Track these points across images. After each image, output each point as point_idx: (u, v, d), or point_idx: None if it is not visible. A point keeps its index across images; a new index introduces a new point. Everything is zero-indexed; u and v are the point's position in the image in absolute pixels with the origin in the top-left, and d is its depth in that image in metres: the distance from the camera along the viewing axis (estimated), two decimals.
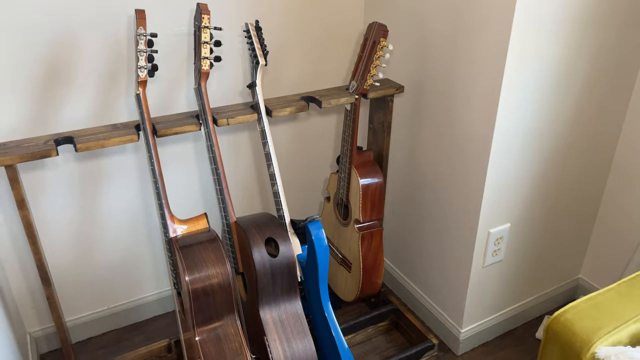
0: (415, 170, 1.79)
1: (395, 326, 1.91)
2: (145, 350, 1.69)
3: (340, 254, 1.85)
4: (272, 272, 1.37)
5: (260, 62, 1.46)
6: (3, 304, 1.44)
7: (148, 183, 1.68)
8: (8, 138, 1.40)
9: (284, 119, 1.82)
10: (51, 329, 1.76)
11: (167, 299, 1.92)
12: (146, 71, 1.33)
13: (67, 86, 1.45)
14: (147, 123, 1.35)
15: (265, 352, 1.36)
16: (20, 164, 1.45)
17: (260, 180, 1.87)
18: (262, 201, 1.91)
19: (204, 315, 1.29)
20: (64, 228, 1.61)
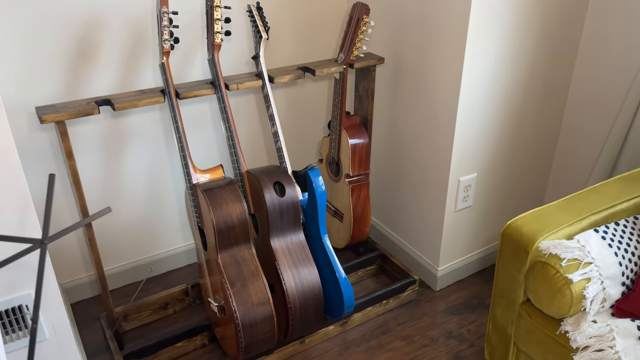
0: (395, 130, 2.08)
1: (382, 270, 2.19)
2: (166, 294, 1.94)
3: (333, 207, 2.13)
4: (280, 209, 1.63)
5: (262, 36, 1.72)
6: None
7: (171, 140, 1.93)
8: (50, 103, 1.64)
9: (284, 86, 2.10)
10: (77, 282, 1.99)
11: (182, 255, 2.17)
12: (169, 43, 1.58)
13: (97, 60, 1.69)
14: (170, 87, 1.60)
15: (277, 278, 1.63)
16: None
17: (265, 138, 2.14)
18: (268, 156, 2.18)
19: (225, 244, 1.55)
20: (95, 182, 1.86)
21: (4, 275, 1.15)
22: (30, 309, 1.27)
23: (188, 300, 1.99)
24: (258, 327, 1.56)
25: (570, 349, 1.23)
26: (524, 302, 1.39)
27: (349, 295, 1.72)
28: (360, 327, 1.91)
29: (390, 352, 1.81)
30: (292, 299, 1.61)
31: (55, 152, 1.74)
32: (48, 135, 1.70)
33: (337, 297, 1.73)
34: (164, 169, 1.97)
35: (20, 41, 1.56)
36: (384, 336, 1.87)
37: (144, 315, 1.90)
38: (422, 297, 2.06)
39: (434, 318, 1.95)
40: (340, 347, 1.83)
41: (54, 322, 1.32)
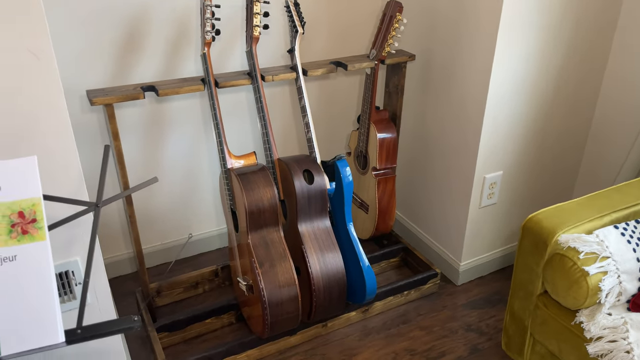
0: (423, 126, 2.13)
1: (404, 263, 2.25)
2: (197, 274, 2.04)
3: (359, 199, 2.19)
4: (309, 196, 1.71)
5: (298, 30, 1.80)
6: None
7: (209, 127, 2.03)
8: (100, 87, 1.76)
9: (317, 79, 2.17)
10: (116, 258, 2.11)
11: (214, 238, 2.27)
12: (211, 35, 1.67)
13: (144, 49, 1.80)
14: (210, 76, 1.69)
15: (303, 262, 1.71)
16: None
17: (297, 129, 2.22)
18: (298, 145, 2.26)
19: (255, 226, 1.64)
20: (137, 163, 1.97)
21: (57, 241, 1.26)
22: (76, 275, 1.38)
23: (217, 281, 2.08)
24: (283, 306, 1.64)
25: (584, 339, 1.27)
26: (541, 293, 1.43)
27: (371, 282, 1.78)
28: (380, 315, 1.97)
29: (409, 340, 1.86)
30: (316, 281, 1.68)
31: (102, 133, 1.86)
32: (97, 116, 1.83)
33: (360, 284, 1.79)
34: (201, 154, 2.07)
35: (77, 31, 1.69)
36: (404, 325, 1.93)
37: (176, 292, 2.01)
38: (443, 290, 2.10)
39: (454, 311, 1.99)
40: (360, 333, 1.89)
41: (97, 289, 1.42)
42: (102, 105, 1.58)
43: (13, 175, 0.91)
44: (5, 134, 1.12)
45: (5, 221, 0.90)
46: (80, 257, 1.36)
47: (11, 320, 0.87)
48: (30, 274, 0.89)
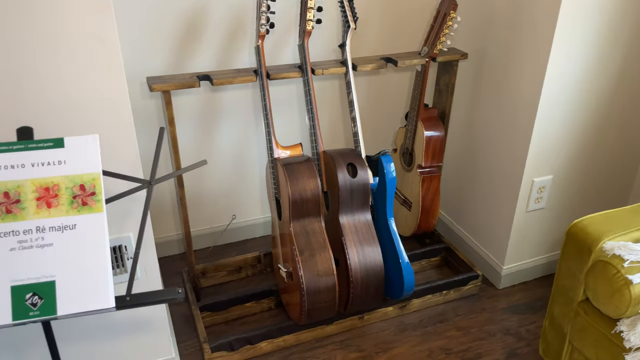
0: (472, 125, 2.11)
1: (445, 263, 2.23)
2: (241, 258, 2.11)
3: (402, 196, 2.20)
4: (351, 189, 1.74)
5: (350, 25, 1.83)
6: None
7: (259, 117, 2.10)
8: (158, 75, 1.85)
9: (366, 74, 2.20)
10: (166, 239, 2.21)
11: (259, 226, 2.34)
12: (265, 28, 1.73)
13: (202, 40, 1.89)
14: (263, 68, 1.75)
15: (342, 253, 1.74)
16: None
17: (344, 122, 2.26)
18: (344, 139, 2.29)
19: (298, 215, 1.69)
20: (189, 149, 2.06)
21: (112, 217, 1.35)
22: (128, 250, 1.48)
23: (260, 267, 2.15)
24: (321, 295, 1.68)
25: (623, 349, 1.23)
26: (583, 300, 1.39)
27: (409, 278, 1.79)
28: (418, 312, 1.98)
29: (446, 339, 1.86)
30: (354, 273, 1.71)
31: (159, 118, 1.96)
32: (155, 102, 1.93)
33: (398, 279, 1.81)
34: (250, 143, 2.14)
35: (140, 21, 1.78)
36: (441, 324, 1.92)
37: (220, 275, 2.09)
38: (484, 293, 2.08)
39: (494, 314, 1.97)
40: (396, 328, 1.91)
41: (146, 264, 1.51)
42: (160, 92, 1.67)
43: (77, 151, 0.99)
44: (72, 113, 1.21)
45: (68, 193, 0.98)
46: (132, 233, 1.45)
47: (68, 284, 0.95)
48: (88, 242, 0.97)
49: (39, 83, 1.16)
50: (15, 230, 0.95)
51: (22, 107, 1.15)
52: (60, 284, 0.95)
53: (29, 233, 0.95)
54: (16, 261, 0.94)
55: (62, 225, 0.97)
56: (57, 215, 0.97)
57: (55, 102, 1.18)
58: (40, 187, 0.97)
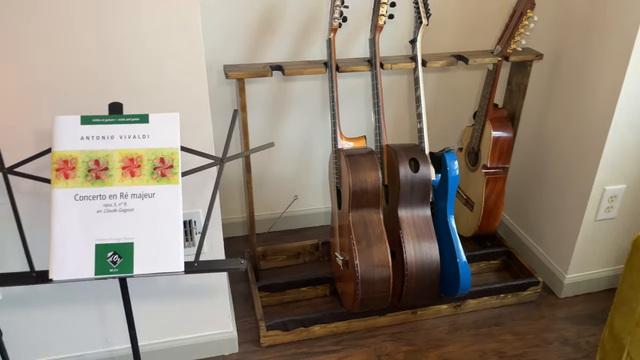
0: (542, 128, 2.06)
1: (505, 267, 2.19)
2: (299, 245, 2.18)
3: (465, 196, 2.18)
4: (412, 184, 1.76)
5: (423, 21, 1.84)
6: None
7: (326, 108, 2.16)
8: (235, 63, 1.96)
9: (436, 70, 2.20)
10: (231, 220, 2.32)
11: (319, 215, 2.40)
12: (338, 22, 1.78)
13: (276, 32, 1.97)
14: (333, 61, 1.80)
15: (399, 247, 1.76)
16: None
17: (409, 118, 2.28)
18: (409, 134, 2.31)
19: (357, 205, 1.73)
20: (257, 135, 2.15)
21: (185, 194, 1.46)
22: (197, 225, 1.58)
23: (317, 254, 2.21)
24: (375, 285, 1.71)
25: None
26: None
27: (465, 277, 1.78)
28: (473, 313, 1.96)
29: (500, 343, 1.84)
30: (409, 267, 1.73)
31: (232, 104, 2.07)
32: (230, 89, 2.03)
33: (454, 277, 1.80)
34: (315, 134, 2.21)
35: (222, 13, 1.89)
36: (496, 327, 1.90)
37: (279, 259, 2.17)
38: (544, 300, 2.03)
39: (552, 322, 1.92)
40: (449, 327, 1.90)
41: (212, 239, 1.61)
42: (235, 79, 1.76)
43: (159, 126, 1.09)
44: (156, 92, 1.32)
45: (149, 164, 1.08)
46: (202, 210, 1.55)
47: (145, 246, 1.05)
48: (164, 210, 1.06)
49: (129, 65, 1.27)
50: (102, 195, 1.05)
51: (114, 85, 1.27)
52: (137, 246, 1.04)
53: (114, 198, 1.06)
54: (101, 222, 1.04)
55: (143, 193, 1.06)
56: (138, 183, 1.06)
57: (142, 82, 1.29)
58: (125, 158, 1.07)
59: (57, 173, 1.04)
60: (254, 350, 1.79)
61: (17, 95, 1.24)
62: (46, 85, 1.24)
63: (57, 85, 1.25)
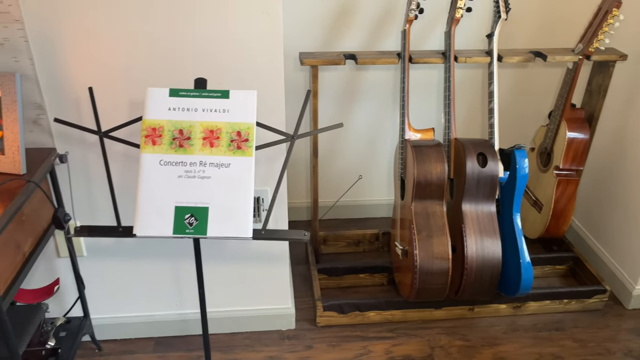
0: (621, 133, 1.97)
1: (571, 273, 2.12)
2: (360, 233, 2.22)
3: (533, 197, 2.13)
4: (478, 179, 1.74)
5: (501, 16, 1.82)
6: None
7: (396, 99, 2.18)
8: (310, 51, 2.02)
9: (511, 66, 2.16)
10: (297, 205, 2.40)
11: (382, 207, 2.43)
12: (414, 13, 1.79)
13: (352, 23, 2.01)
14: (406, 52, 1.82)
15: (460, 241, 1.76)
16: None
17: (480, 113, 2.25)
18: (479, 130, 2.29)
19: (420, 195, 1.74)
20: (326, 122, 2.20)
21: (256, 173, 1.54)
22: (264, 203, 1.66)
23: (377, 244, 2.24)
24: (433, 276, 1.72)
25: None
26: None
27: (527, 278, 1.75)
28: (533, 316, 1.92)
29: (559, 348, 1.79)
30: (469, 261, 1.72)
31: (305, 90, 2.14)
32: (304, 75, 2.10)
33: (515, 277, 1.77)
34: (384, 124, 2.24)
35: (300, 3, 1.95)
36: (556, 332, 1.85)
37: (339, 245, 2.22)
38: (609, 310, 1.95)
39: (617, 332, 1.85)
40: (507, 327, 1.88)
41: (278, 217, 1.68)
42: (309, 66, 1.82)
43: (238, 102, 1.16)
44: (236, 71, 1.40)
45: (227, 137, 1.16)
46: (270, 188, 1.62)
47: (218, 211, 1.13)
48: (238, 179, 1.14)
49: (214, 45, 1.37)
50: (184, 162, 1.15)
51: (199, 62, 1.37)
52: (212, 211, 1.13)
53: (194, 165, 1.14)
54: (181, 186, 1.13)
55: (220, 163, 1.14)
56: (216, 154, 1.15)
57: (225, 61, 1.39)
58: (206, 129, 1.16)
59: (146, 139, 1.14)
60: (309, 329, 1.86)
61: (117, 69, 1.37)
62: (141, 60, 1.36)
63: (150, 60, 1.37)
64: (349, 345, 1.80)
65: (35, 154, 1.40)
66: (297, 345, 1.79)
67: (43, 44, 1.33)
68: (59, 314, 1.70)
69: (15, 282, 1.25)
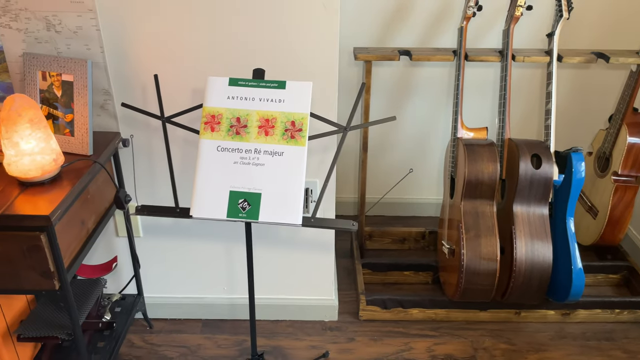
0: None
1: (625, 283, 2.04)
2: (406, 230, 2.22)
3: (588, 202, 2.06)
4: (532, 180, 1.71)
5: (563, 15, 1.77)
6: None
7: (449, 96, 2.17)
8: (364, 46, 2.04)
9: (572, 67, 2.11)
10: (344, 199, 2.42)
11: (430, 206, 2.42)
12: (472, 10, 1.77)
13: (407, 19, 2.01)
14: (462, 49, 1.80)
15: (510, 243, 1.73)
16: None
17: (537, 114, 2.20)
18: (535, 131, 2.24)
19: (470, 194, 1.72)
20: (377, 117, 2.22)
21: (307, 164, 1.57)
22: (313, 194, 1.69)
23: (423, 242, 2.23)
24: (480, 276, 1.70)
25: None
26: None
27: (578, 284, 1.70)
28: (582, 324, 1.86)
29: (607, 358, 1.73)
30: (518, 264, 1.69)
31: (357, 85, 2.15)
32: (357, 70, 2.12)
33: (565, 282, 1.73)
34: (436, 122, 2.22)
35: None
36: (606, 342, 1.79)
37: (385, 241, 2.23)
38: None
39: None
40: (554, 334, 1.83)
41: (325, 209, 1.71)
42: (363, 61, 1.84)
43: (294, 93, 1.20)
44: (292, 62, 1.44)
45: (282, 126, 1.19)
46: (319, 180, 1.65)
47: (270, 198, 1.17)
48: (290, 168, 1.17)
49: (272, 36, 1.41)
50: (240, 148, 1.19)
51: (258, 54, 1.42)
52: (264, 197, 1.16)
53: (249, 152, 1.18)
54: (236, 172, 1.18)
55: (273, 151, 1.18)
56: (271, 142, 1.18)
57: (282, 52, 1.42)
58: (262, 118, 1.19)
59: (205, 126, 1.19)
60: (352, 322, 1.88)
61: (181, 58, 1.43)
62: (203, 50, 1.42)
63: (211, 50, 1.42)
64: (391, 341, 1.80)
65: (100, 137, 1.48)
66: (339, 337, 1.82)
67: (113, 32, 1.41)
68: (114, 290, 1.80)
69: (79, 256, 1.33)
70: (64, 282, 1.24)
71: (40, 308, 1.48)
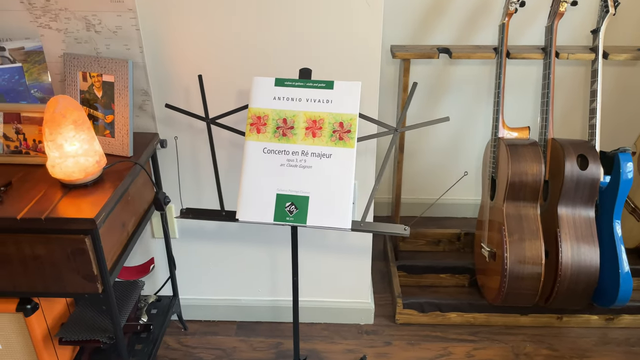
0: None
1: None
2: (441, 232, 2.17)
3: (632, 204, 1.99)
4: (577, 181, 1.65)
5: (610, 10, 1.70)
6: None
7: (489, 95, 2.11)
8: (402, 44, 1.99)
9: (618, 64, 2.04)
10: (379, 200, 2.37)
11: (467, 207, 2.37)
12: (514, 7, 1.72)
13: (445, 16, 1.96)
14: (504, 46, 1.75)
15: (555, 246, 1.67)
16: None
17: (581, 112, 2.15)
18: (579, 130, 2.18)
19: (513, 196, 1.67)
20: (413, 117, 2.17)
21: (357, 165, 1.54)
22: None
23: (458, 244, 2.18)
24: (523, 281, 1.65)
25: None
26: None
27: (625, 289, 1.65)
28: (627, 330, 1.81)
29: None
30: (564, 268, 1.64)
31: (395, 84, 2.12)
32: (394, 69, 2.08)
33: (612, 287, 1.67)
34: (475, 121, 2.17)
35: None
36: None
37: (419, 243, 2.18)
38: None
39: None
40: (597, 340, 1.77)
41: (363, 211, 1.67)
42: (401, 59, 1.79)
43: (342, 93, 1.16)
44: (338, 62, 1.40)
45: (330, 127, 1.16)
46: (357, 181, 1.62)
47: (319, 201, 1.14)
48: (338, 170, 1.14)
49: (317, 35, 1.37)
50: (287, 150, 1.16)
51: (305, 53, 1.39)
52: (312, 200, 1.13)
53: (296, 154, 1.15)
54: (283, 174, 1.15)
55: (321, 153, 1.15)
56: (318, 144, 1.15)
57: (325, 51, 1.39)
58: (309, 119, 1.16)
59: (251, 127, 1.17)
60: (388, 325, 1.84)
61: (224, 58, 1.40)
62: (249, 51, 1.39)
63: (257, 51, 1.39)
64: (429, 345, 1.76)
65: (139, 137, 1.47)
66: (375, 340, 1.78)
67: (152, 32, 1.39)
68: (149, 292, 1.79)
69: (120, 258, 1.31)
70: (107, 286, 1.23)
71: (80, 311, 1.47)
